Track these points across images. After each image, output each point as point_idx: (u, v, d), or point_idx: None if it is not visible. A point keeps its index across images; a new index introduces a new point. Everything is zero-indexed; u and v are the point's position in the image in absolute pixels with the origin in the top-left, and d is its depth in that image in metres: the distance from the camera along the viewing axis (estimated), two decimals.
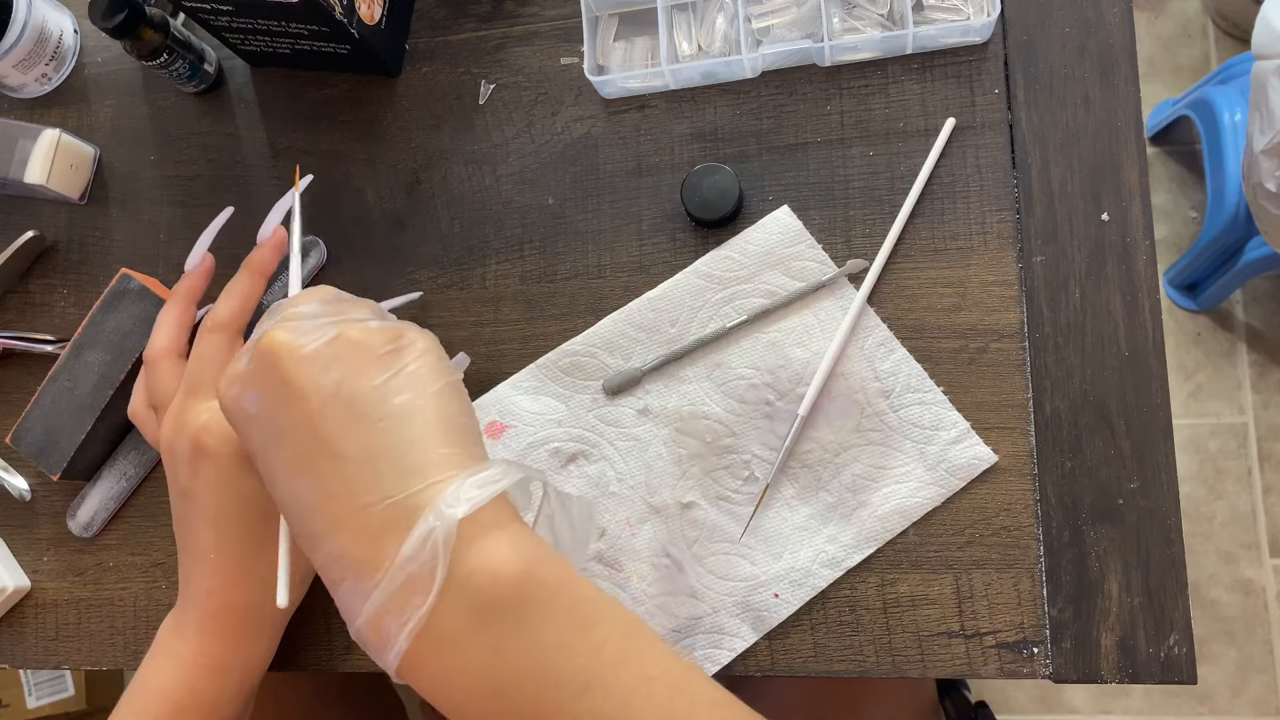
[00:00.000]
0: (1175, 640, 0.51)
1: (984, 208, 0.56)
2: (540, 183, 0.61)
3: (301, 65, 0.65)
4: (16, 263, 0.66)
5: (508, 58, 0.63)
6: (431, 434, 0.39)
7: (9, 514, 0.65)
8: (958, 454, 0.54)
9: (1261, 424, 1.33)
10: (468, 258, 0.61)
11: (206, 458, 0.50)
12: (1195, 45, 1.42)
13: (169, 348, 0.55)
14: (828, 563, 0.54)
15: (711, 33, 0.59)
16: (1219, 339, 1.36)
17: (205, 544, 0.50)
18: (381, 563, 0.36)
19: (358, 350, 0.39)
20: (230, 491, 0.50)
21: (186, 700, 0.50)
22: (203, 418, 0.50)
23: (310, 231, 0.63)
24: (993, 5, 0.55)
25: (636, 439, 0.57)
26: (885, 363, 0.55)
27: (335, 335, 0.39)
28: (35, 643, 0.64)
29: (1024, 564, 0.53)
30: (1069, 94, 0.56)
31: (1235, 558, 1.31)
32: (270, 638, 0.54)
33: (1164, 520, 0.52)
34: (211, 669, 0.51)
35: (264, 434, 0.40)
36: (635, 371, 0.57)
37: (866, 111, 0.58)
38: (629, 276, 0.59)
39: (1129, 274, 0.54)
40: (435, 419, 0.39)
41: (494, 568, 0.37)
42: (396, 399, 0.39)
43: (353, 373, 0.39)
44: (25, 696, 1.36)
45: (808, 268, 0.57)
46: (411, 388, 0.39)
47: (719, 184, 0.56)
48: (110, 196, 0.67)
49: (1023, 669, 0.52)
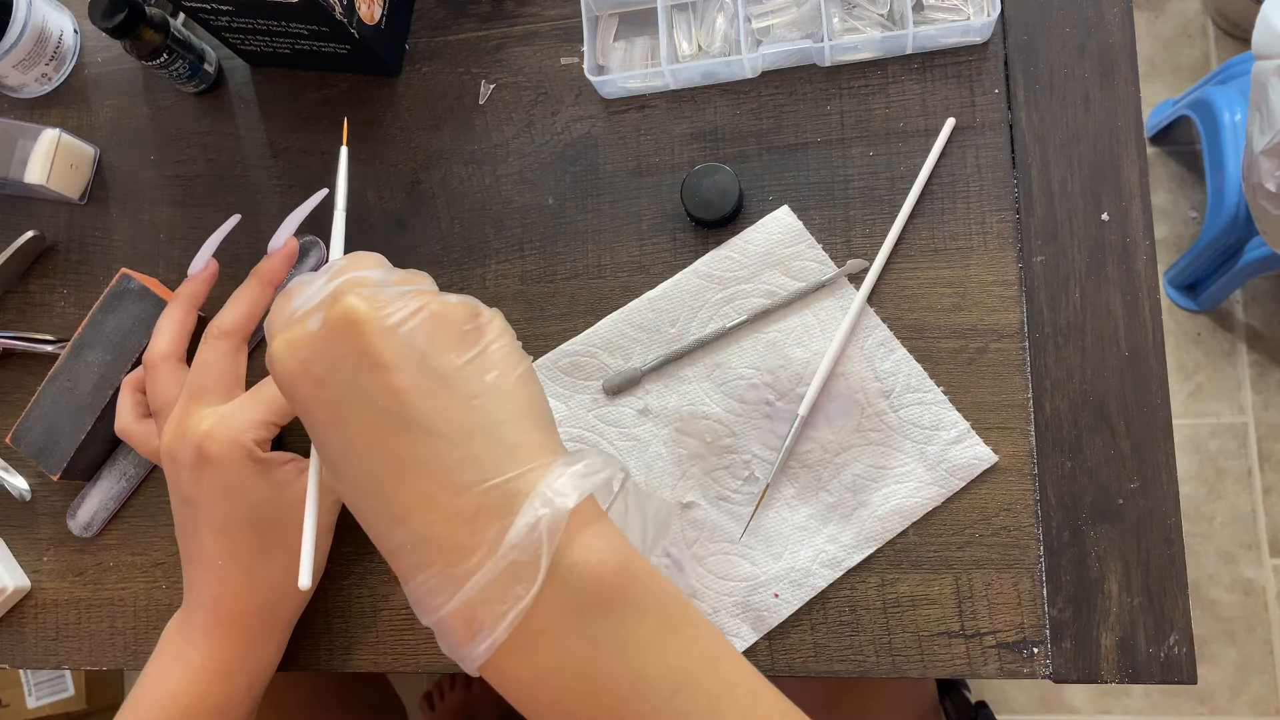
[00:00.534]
0: (1175, 640, 0.51)
1: (984, 208, 0.56)
2: (540, 183, 0.61)
3: (301, 65, 0.65)
4: (16, 263, 0.66)
5: (508, 58, 0.63)
6: (523, 416, 0.37)
7: (9, 514, 0.65)
8: (958, 454, 0.54)
9: (1261, 424, 1.33)
10: (468, 258, 0.61)
11: (210, 465, 0.49)
12: (1195, 45, 1.42)
13: (169, 352, 0.55)
14: (828, 563, 0.54)
15: (711, 33, 0.59)
16: (1219, 339, 1.36)
17: (211, 551, 0.50)
18: (477, 548, 0.35)
19: (443, 324, 0.37)
20: (236, 498, 0.50)
21: (195, 705, 0.50)
22: (205, 424, 0.50)
23: (310, 231, 0.63)
24: (993, 5, 0.55)
25: (636, 439, 0.57)
26: (885, 363, 0.55)
27: (419, 307, 0.37)
28: (35, 643, 0.64)
29: (1024, 564, 0.53)
30: (1069, 94, 0.56)
31: (1235, 558, 1.31)
32: (278, 642, 0.54)
33: (1164, 520, 0.52)
34: (220, 674, 0.51)
35: (336, 403, 0.37)
36: (635, 371, 0.57)
37: (866, 111, 0.58)
38: (629, 276, 0.59)
39: (1129, 274, 0.54)
40: (525, 401, 0.38)
41: (595, 560, 0.35)
42: (487, 377, 0.37)
43: (439, 347, 0.37)
44: (25, 696, 1.36)
45: (808, 268, 0.57)
46: (499, 366, 0.38)
47: (719, 184, 0.56)
48: (110, 196, 0.67)
49: (1023, 669, 0.52)
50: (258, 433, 0.50)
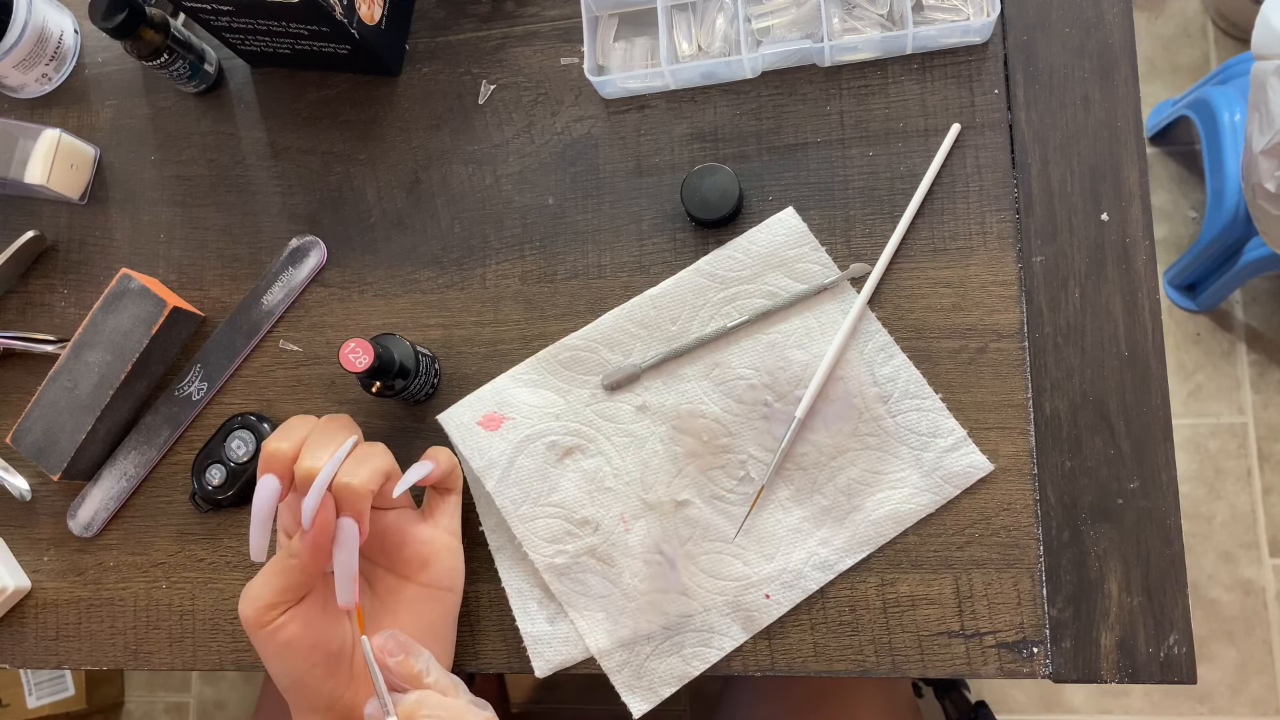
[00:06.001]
0: (1175, 640, 0.51)
1: (984, 208, 0.56)
2: (540, 183, 0.61)
3: (301, 65, 0.65)
4: (16, 263, 0.66)
5: (508, 58, 0.63)
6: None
7: (9, 514, 0.65)
8: (953, 461, 0.54)
9: (1261, 424, 1.33)
10: (468, 258, 0.61)
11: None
12: (1195, 45, 1.42)
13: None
14: (820, 565, 0.54)
15: (711, 33, 0.59)
16: (1219, 339, 1.36)
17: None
18: None
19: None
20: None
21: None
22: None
23: (310, 231, 0.63)
24: (993, 5, 0.55)
25: (633, 435, 0.57)
26: (884, 368, 0.55)
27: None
28: (35, 643, 0.64)
29: (1024, 564, 0.53)
30: (1069, 94, 0.56)
31: (1235, 558, 1.31)
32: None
33: (1164, 520, 0.52)
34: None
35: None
36: (634, 368, 0.57)
37: (866, 112, 0.58)
38: (629, 276, 0.59)
39: (1129, 274, 0.54)
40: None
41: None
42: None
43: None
44: (25, 696, 1.36)
45: (810, 270, 0.57)
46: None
47: (719, 184, 0.56)
48: (110, 196, 0.67)
49: (1022, 669, 0.52)
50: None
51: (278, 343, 0.63)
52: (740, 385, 0.56)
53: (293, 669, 0.50)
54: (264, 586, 0.50)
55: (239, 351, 0.63)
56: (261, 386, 0.63)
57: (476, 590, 0.58)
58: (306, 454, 0.49)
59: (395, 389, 0.56)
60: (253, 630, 0.50)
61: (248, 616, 0.50)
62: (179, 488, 0.63)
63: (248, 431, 0.61)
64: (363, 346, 0.52)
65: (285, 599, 0.50)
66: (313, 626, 0.50)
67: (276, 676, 0.51)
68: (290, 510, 0.52)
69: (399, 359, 0.55)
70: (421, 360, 0.57)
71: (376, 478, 0.49)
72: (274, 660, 0.50)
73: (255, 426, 0.61)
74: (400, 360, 0.55)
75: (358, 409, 0.61)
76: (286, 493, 0.49)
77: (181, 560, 0.62)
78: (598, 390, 0.58)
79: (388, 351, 0.54)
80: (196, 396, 0.63)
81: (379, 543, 0.54)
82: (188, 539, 0.62)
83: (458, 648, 0.58)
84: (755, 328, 0.57)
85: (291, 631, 0.50)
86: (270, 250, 0.64)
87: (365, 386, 0.56)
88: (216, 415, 0.63)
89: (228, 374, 0.63)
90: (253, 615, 0.49)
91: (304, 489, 0.48)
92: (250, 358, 0.63)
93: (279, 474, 0.49)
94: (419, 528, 0.54)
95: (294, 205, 0.64)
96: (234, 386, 0.63)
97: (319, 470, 0.48)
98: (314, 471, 0.48)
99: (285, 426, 0.50)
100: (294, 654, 0.50)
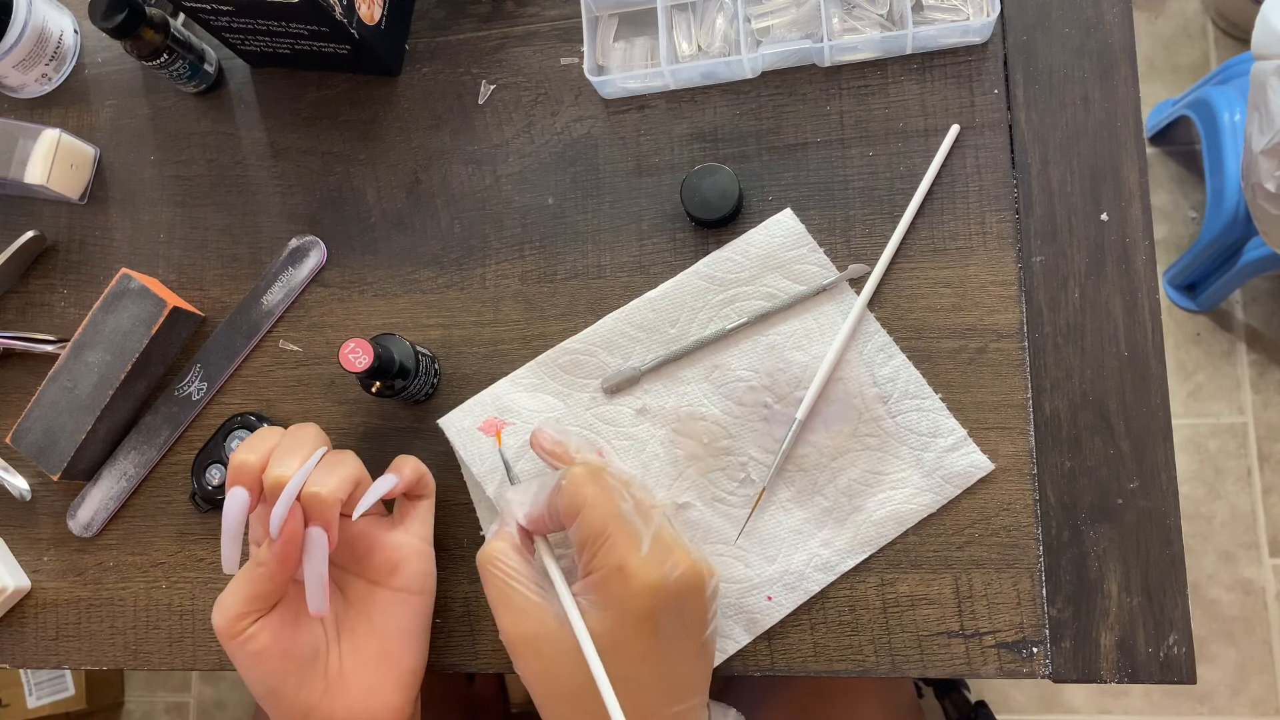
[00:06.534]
0: (1174, 640, 0.51)
1: (984, 208, 0.56)
2: (540, 183, 0.61)
3: (301, 65, 0.65)
4: (16, 263, 0.66)
5: (508, 58, 0.63)
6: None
7: (9, 514, 0.65)
8: (954, 461, 0.54)
9: (1261, 424, 1.33)
10: (468, 258, 0.61)
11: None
12: (1195, 45, 1.42)
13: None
14: (821, 566, 0.54)
15: (711, 33, 0.59)
16: (1219, 339, 1.36)
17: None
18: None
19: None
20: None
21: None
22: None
23: (310, 231, 0.63)
24: (992, 5, 0.55)
25: (634, 438, 0.57)
26: (884, 368, 0.55)
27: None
28: (35, 643, 0.64)
29: (1023, 564, 0.53)
30: (1069, 94, 0.56)
31: (1235, 558, 1.31)
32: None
33: (1163, 520, 0.52)
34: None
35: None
36: (634, 371, 0.57)
37: (866, 112, 0.58)
38: (629, 276, 0.59)
39: (1128, 274, 0.54)
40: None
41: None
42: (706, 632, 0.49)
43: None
44: (25, 696, 1.37)
45: (809, 271, 0.57)
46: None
47: (719, 184, 0.56)
48: (110, 196, 0.67)
49: (1022, 669, 0.52)
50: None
51: (278, 343, 0.63)
52: (740, 387, 0.56)
53: (266, 678, 0.51)
54: (233, 596, 0.50)
55: (239, 351, 0.63)
56: (261, 386, 0.63)
57: (476, 591, 0.58)
58: (274, 463, 0.49)
59: (395, 389, 0.56)
60: (225, 641, 0.50)
61: (219, 627, 0.50)
62: (179, 488, 0.63)
63: (247, 431, 0.61)
64: (362, 346, 0.52)
65: (255, 608, 0.50)
66: (283, 636, 0.51)
67: (251, 686, 0.51)
68: (260, 521, 0.52)
69: (399, 359, 0.55)
70: (421, 360, 0.57)
71: (345, 486, 0.49)
72: (247, 670, 0.51)
73: (255, 427, 0.61)
74: (400, 360, 0.55)
75: (357, 409, 0.61)
76: (256, 504, 0.49)
77: (181, 560, 0.62)
78: (597, 394, 0.58)
79: (387, 351, 0.54)
80: (196, 396, 0.63)
81: (349, 549, 0.54)
82: (188, 539, 0.62)
83: (458, 649, 0.58)
84: (754, 329, 0.57)
85: (262, 641, 0.50)
86: (270, 250, 0.64)
87: (365, 386, 0.56)
88: (216, 415, 0.63)
89: (228, 374, 0.63)
90: (223, 625, 0.50)
91: (273, 499, 0.48)
92: (250, 358, 0.63)
93: (247, 486, 0.49)
94: (388, 534, 0.55)
95: (294, 205, 0.64)
96: (234, 386, 0.63)
97: (287, 479, 0.48)
98: (282, 481, 0.48)
99: (253, 438, 0.50)
100: (266, 663, 0.50)
